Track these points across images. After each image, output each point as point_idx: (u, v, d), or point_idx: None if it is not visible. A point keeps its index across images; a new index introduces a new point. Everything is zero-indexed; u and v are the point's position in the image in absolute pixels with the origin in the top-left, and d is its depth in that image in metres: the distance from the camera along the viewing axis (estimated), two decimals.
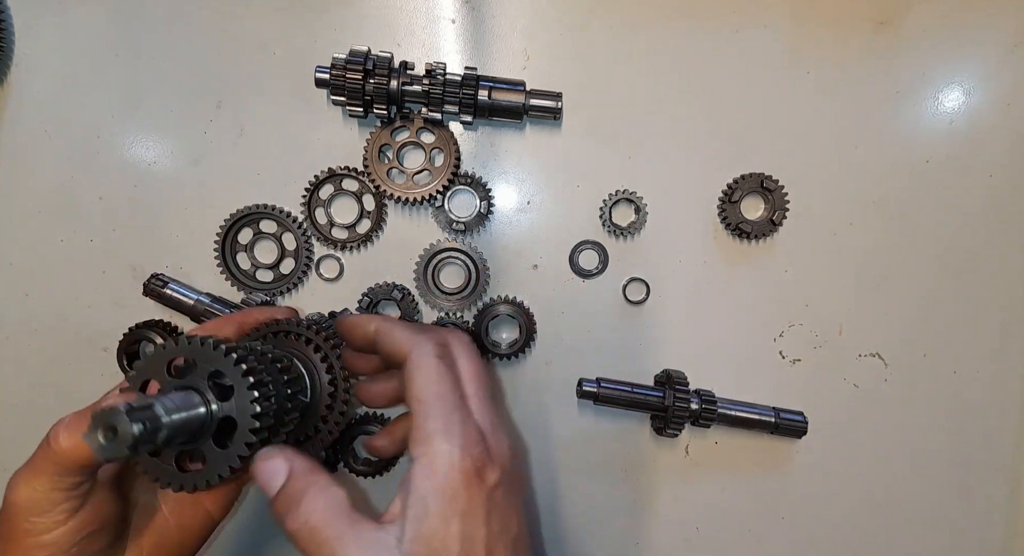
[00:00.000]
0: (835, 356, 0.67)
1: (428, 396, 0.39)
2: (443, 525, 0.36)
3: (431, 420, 0.38)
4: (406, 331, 0.43)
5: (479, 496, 0.37)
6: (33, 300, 0.65)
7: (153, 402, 0.33)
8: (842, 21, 0.65)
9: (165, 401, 0.34)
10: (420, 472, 0.37)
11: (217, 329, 0.47)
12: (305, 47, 0.64)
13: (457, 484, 0.37)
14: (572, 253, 0.66)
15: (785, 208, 0.65)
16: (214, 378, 0.37)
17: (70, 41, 0.64)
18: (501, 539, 0.38)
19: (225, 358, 0.37)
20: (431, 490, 0.36)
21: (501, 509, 0.39)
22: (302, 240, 0.65)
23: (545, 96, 0.62)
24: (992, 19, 0.66)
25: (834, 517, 0.68)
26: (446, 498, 0.36)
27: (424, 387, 0.40)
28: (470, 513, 0.37)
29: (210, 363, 0.37)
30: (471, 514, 0.37)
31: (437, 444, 0.37)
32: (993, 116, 0.66)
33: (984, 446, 0.68)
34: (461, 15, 0.65)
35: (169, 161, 0.65)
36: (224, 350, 0.37)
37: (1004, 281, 0.67)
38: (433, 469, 0.37)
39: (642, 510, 0.68)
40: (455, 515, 0.36)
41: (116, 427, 0.31)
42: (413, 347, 0.41)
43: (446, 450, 0.37)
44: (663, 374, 0.65)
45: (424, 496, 0.36)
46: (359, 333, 0.45)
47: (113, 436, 0.31)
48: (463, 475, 0.37)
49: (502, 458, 0.40)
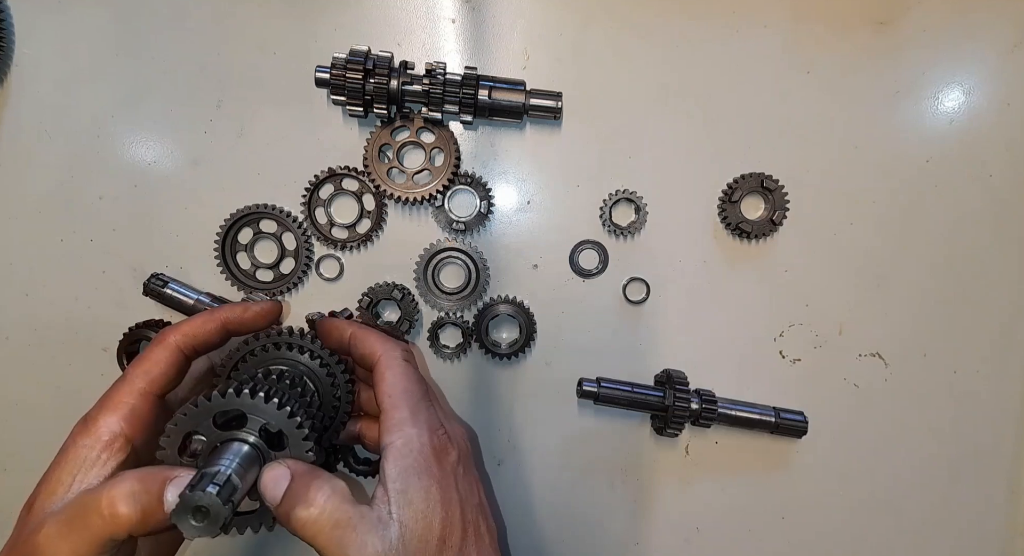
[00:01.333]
0: (835, 356, 0.67)
1: (397, 391, 0.45)
2: (423, 493, 0.41)
3: (400, 411, 0.44)
4: (379, 337, 0.49)
5: (446, 469, 0.44)
6: (33, 300, 0.65)
7: (230, 473, 0.34)
8: (842, 21, 0.66)
9: (235, 467, 0.35)
10: (394, 454, 0.42)
11: (200, 328, 0.48)
12: (305, 47, 0.64)
13: (428, 459, 0.43)
14: (572, 253, 0.66)
15: (785, 208, 0.65)
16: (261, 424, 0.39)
17: (70, 41, 0.64)
18: (469, 502, 0.45)
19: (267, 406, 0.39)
20: (407, 467, 0.42)
21: (465, 479, 0.45)
22: (302, 240, 0.65)
23: (545, 96, 0.62)
24: (992, 19, 0.66)
25: (834, 517, 0.68)
26: (421, 471, 0.42)
27: (394, 384, 0.46)
28: (443, 482, 0.43)
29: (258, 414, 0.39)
30: (444, 483, 0.43)
31: (407, 429, 0.43)
32: (993, 116, 0.66)
33: (984, 446, 0.68)
34: (461, 15, 0.65)
35: (169, 161, 0.65)
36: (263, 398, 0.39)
37: (1004, 281, 0.67)
38: (406, 450, 0.42)
39: (642, 510, 0.68)
40: (432, 483, 0.42)
41: (208, 510, 0.32)
42: (384, 351, 0.47)
43: (415, 433, 0.43)
44: (663, 374, 0.65)
45: (402, 471, 0.41)
46: (335, 336, 0.50)
47: (204, 517, 0.32)
48: (432, 451, 0.43)
49: (459, 440, 0.47)
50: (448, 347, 0.66)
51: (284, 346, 0.48)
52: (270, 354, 0.48)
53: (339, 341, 0.50)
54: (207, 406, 0.38)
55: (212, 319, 0.48)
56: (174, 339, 0.46)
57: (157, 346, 0.46)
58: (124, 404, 0.42)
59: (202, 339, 0.47)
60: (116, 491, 0.36)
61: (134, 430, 0.41)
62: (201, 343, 0.47)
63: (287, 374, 0.46)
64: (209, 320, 0.48)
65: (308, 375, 0.48)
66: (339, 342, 0.50)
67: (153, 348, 0.45)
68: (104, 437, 0.41)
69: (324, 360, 0.48)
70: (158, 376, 0.44)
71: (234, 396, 0.39)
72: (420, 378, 0.48)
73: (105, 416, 0.41)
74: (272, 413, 0.39)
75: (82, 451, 0.40)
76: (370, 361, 0.48)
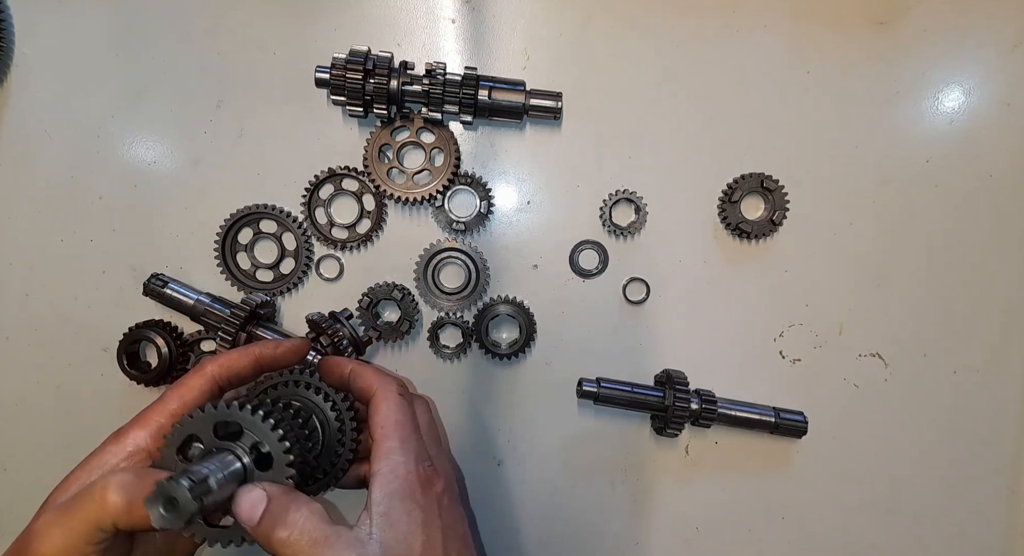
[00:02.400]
0: (835, 356, 0.67)
1: (389, 422, 0.47)
2: (406, 515, 0.42)
3: (390, 440, 0.46)
4: (376, 373, 0.50)
5: (431, 496, 0.45)
6: (33, 300, 0.65)
7: (209, 475, 0.35)
8: (842, 21, 0.66)
9: (216, 473, 0.36)
10: (381, 480, 0.43)
11: (236, 362, 0.50)
12: (305, 47, 0.64)
13: (413, 486, 0.44)
14: (572, 253, 0.66)
15: (785, 208, 0.65)
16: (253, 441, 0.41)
17: (70, 41, 0.64)
18: (453, 532, 0.45)
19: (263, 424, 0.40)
20: (393, 491, 0.43)
21: (448, 510, 0.46)
22: (302, 240, 0.65)
23: (545, 96, 0.62)
24: (992, 19, 0.66)
25: (834, 517, 0.68)
26: (405, 496, 0.43)
27: (387, 416, 0.47)
28: (427, 508, 0.44)
29: (253, 430, 0.40)
30: (427, 508, 0.44)
31: (395, 457, 0.44)
32: (993, 116, 0.66)
33: (984, 446, 0.68)
34: (461, 15, 0.65)
35: (169, 161, 0.65)
36: (262, 416, 0.40)
37: (1004, 281, 0.67)
38: (392, 476, 0.43)
39: (642, 510, 0.68)
40: (415, 508, 0.43)
41: (178, 501, 0.33)
42: (380, 385, 0.49)
43: (402, 461, 0.44)
44: (663, 374, 0.65)
45: (388, 495, 0.43)
46: (336, 372, 0.52)
47: (173, 509, 0.33)
48: (417, 479, 0.44)
49: (445, 473, 0.48)
50: (448, 347, 0.66)
51: (302, 385, 0.50)
52: (289, 389, 0.50)
53: (340, 377, 0.52)
54: (211, 414, 0.40)
55: (247, 354, 0.51)
56: (211, 369, 0.48)
57: (195, 373, 0.48)
58: (154, 422, 0.45)
59: (236, 371, 0.50)
60: (111, 479, 0.39)
61: (158, 446, 0.44)
62: (235, 375, 0.50)
63: (298, 409, 0.48)
64: (244, 355, 0.51)
65: (317, 414, 0.50)
66: (340, 378, 0.52)
67: (192, 375, 0.48)
68: (129, 448, 0.43)
69: (335, 403, 0.50)
70: (191, 401, 0.46)
71: (236, 409, 0.40)
72: (413, 414, 0.49)
73: (136, 430, 0.44)
74: (264, 431, 0.40)
75: (107, 457, 0.43)
76: (367, 395, 0.49)
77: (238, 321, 0.58)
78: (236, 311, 0.59)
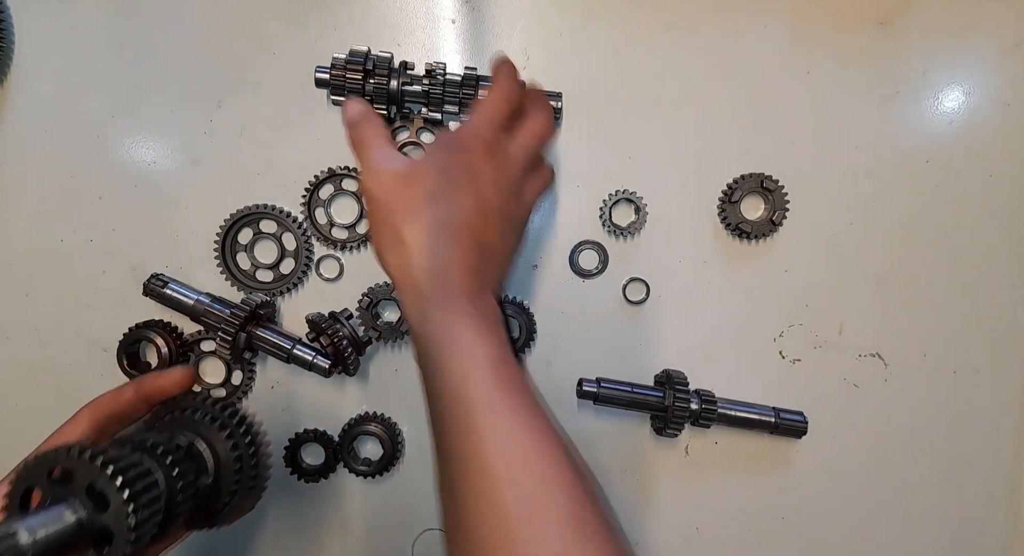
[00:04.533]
0: (835, 356, 0.67)
1: (482, 102, 0.50)
2: (448, 142, 0.48)
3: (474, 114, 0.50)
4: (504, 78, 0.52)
5: (484, 150, 0.47)
6: (33, 300, 0.65)
7: (16, 529, 0.33)
8: (842, 21, 0.65)
9: (31, 522, 0.33)
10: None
11: (113, 401, 0.48)
12: (305, 47, 0.64)
13: (467, 137, 0.47)
14: (572, 253, 0.66)
15: (785, 208, 0.65)
16: (91, 488, 0.37)
17: (70, 41, 0.64)
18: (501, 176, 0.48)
19: (102, 470, 0.36)
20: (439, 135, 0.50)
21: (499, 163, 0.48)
22: (302, 240, 0.65)
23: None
24: (992, 19, 0.66)
25: (834, 517, 0.68)
26: (453, 138, 0.47)
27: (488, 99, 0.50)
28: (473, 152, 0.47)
29: (86, 475, 0.37)
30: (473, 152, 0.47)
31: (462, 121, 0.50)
32: (993, 116, 0.66)
33: (984, 446, 0.68)
34: (461, 15, 0.65)
35: (169, 161, 0.65)
36: (101, 462, 0.37)
37: (1004, 281, 0.67)
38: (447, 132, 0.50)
39: (642, 510, 0.68)
40: (459, 150, 0.46)
41: None
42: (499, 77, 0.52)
43: (464, 125, 0.48)
44: (663, 374, 0.65)
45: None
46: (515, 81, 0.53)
47: None
48: (473, 136, 0.47)
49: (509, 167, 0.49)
50: None
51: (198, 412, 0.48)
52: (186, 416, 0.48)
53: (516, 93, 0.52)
54: (43, 461, 0.37)
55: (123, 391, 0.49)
56: (86, 413, 0.47)
57: (71, 422, 0.46)
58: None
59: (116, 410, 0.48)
60: None
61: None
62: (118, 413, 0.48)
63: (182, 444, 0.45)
64: (121, 392, 0.49)
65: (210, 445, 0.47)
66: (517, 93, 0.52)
67: (68, 424, 0.46)
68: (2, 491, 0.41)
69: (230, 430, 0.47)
70: None
71: (63, 452, 0.37)
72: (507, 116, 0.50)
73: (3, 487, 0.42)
74: (96, 473, 0.36)
75: None
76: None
77: (238, 321, 0.58)
78: (236, 311, 0.59)
